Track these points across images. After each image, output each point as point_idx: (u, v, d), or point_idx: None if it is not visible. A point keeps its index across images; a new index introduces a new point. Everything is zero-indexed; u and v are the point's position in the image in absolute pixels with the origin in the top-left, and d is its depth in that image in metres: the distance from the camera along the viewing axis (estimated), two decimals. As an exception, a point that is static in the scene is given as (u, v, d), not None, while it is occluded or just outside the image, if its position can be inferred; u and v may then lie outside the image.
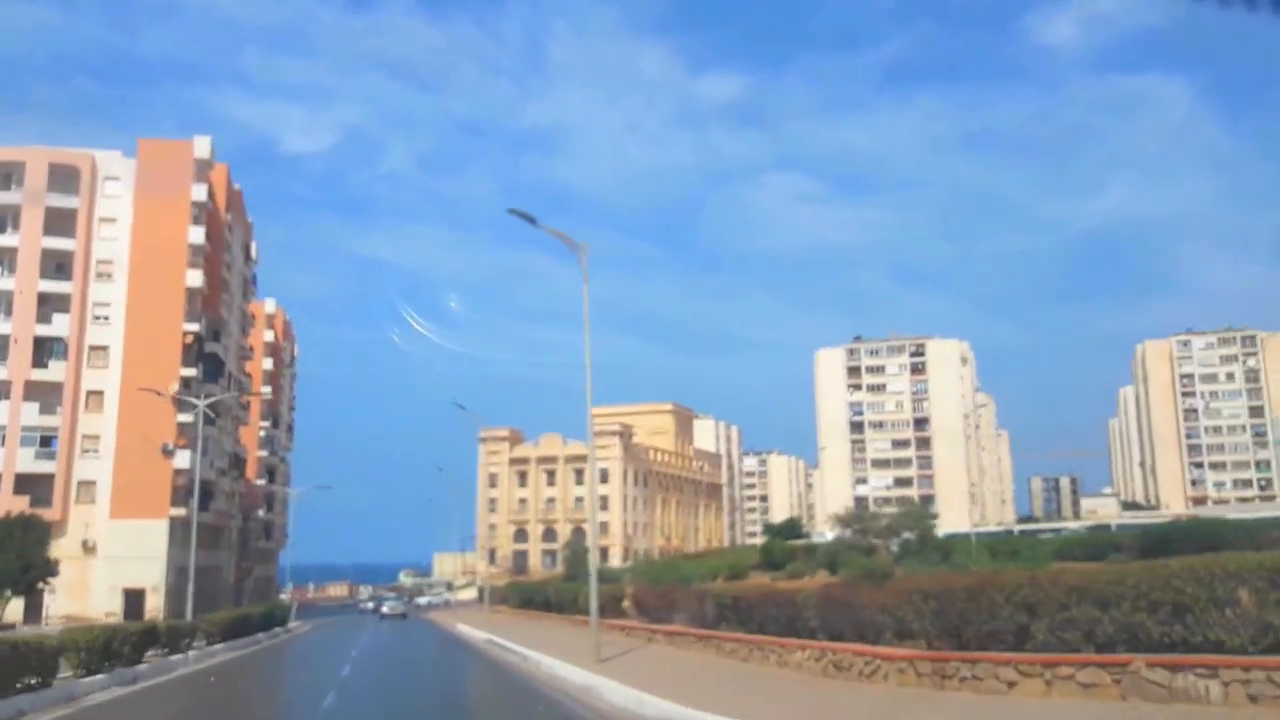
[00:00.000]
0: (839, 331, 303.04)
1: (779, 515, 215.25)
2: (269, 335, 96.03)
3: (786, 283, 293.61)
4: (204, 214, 62.63)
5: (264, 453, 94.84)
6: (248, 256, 79.21)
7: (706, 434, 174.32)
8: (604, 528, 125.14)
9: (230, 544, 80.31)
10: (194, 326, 60.25)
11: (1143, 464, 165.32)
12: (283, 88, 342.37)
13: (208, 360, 64.13)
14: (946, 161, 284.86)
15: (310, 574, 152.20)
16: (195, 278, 60.37)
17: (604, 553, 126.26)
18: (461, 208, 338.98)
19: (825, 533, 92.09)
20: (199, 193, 61.27)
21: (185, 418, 59.89)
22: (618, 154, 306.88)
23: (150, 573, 56.94)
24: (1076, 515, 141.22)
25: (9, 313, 58.67)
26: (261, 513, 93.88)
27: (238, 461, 78.33)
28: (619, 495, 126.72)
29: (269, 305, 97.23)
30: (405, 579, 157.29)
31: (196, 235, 60.89)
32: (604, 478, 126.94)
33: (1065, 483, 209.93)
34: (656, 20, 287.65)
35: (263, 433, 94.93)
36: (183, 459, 59.35)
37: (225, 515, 73.75)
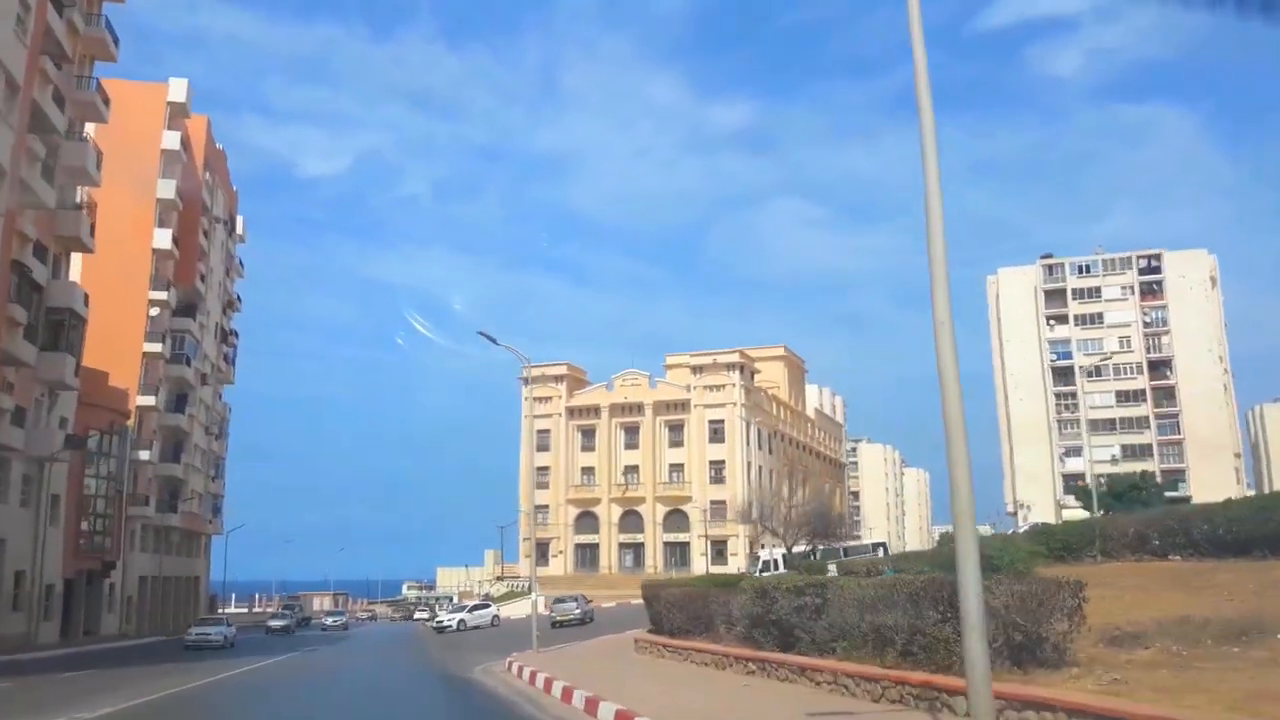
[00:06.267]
0: (836, 356, 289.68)
1: (872, 512, 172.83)
2: (171, 139, 53.35)
3: (790, 306, 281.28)
4: None
5: (158, 347, 52.04)
6: None
7: (808, 405, 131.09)
8: (720, 507, 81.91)
9: (30, 498, 37.40)
10: None
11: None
12: (304, 115, 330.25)
13: None
14: (952, 188, 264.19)
15: (291, 588, 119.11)
16: None
17: (721, 546, 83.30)
18: (473, 231, 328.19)
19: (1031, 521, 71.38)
20: None
21: None
22: (627, 178, 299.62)
23: None
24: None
25: None
26: (147, 455, 50.80)
27: (48, 308, 35.59)
28: (739, 461, 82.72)
29: (176, 88, 54.62)
30: (409, 591, 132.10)
31: None
32: (718, 434, 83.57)
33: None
34: (668, 49, 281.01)
35: (155, 310, 52.13)
36: None
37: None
